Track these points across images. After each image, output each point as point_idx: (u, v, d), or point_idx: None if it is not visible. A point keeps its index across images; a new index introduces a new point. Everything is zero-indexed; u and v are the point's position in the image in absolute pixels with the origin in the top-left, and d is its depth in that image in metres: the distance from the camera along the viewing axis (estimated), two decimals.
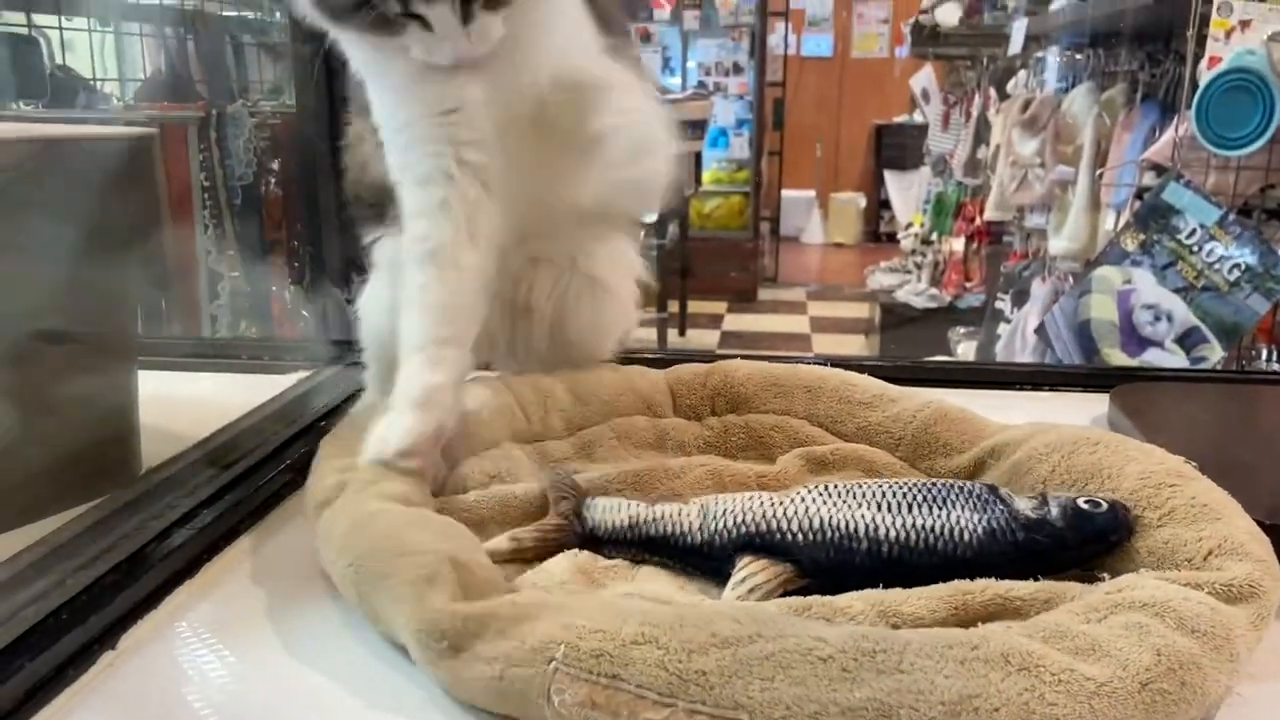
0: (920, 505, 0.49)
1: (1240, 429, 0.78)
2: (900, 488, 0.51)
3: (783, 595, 0.47)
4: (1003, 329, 2.40)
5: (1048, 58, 2.49)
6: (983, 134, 3.11)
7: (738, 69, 5.18)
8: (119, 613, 0.49)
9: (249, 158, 1.36)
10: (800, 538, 0.49)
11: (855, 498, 0.50)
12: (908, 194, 5.05)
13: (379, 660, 0.46)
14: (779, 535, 0.49)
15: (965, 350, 2.98)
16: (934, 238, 3.84)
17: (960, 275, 3.53)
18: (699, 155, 4.22)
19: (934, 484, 0.52)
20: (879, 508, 0.49)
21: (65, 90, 1.37)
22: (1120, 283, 1.39)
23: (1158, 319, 1.36)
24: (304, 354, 0.91)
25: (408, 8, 0.52)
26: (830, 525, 0.49)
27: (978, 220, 3.28)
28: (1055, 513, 0.49)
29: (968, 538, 0.48)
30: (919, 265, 3.94)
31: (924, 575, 0.47)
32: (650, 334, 4.01)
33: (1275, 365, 1.46)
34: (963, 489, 0.51)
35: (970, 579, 0.46)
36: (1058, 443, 0.57)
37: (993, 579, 0.46)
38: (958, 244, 3.55)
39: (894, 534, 0.48)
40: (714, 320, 4.60)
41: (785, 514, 0.50)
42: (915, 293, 3.74)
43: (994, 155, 2.64)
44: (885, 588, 0.46)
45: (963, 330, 3.16)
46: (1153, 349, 1.36)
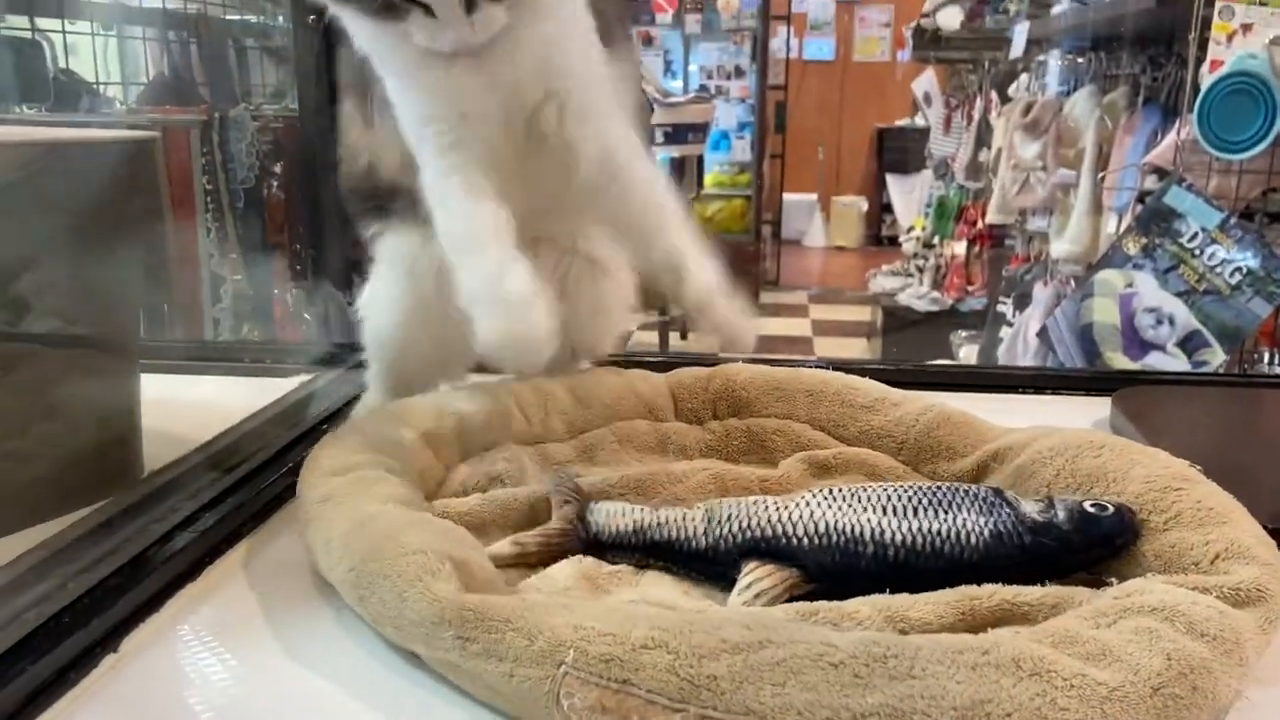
0: (926, 509, 0.49)
1: (1242, 432, 0.78)
2: (906, 491, 0.51)
3: (789, 600, 0.47)
4: (1005, 332, 2.40)
5: (1049, 61, 2.49)
6: (984, 137, 3.12)
7: (739, 72, 5.18)
8: (121, 616, 0.49)
9: (251, 161, 1.36)
10: (805, 542, 0.48)
11: (860, 502, 0.50)
12: (909, 197, 5.06)
13: (380, 664, 0.46)
14: (784, 540, 0.49)
15: (967, 354, 2.98)
16: (936, 241, 3.84)
17: (962, 279, 3.53)
18: (701, 158, 4.23)
19: (939, 487, 0.51)
20: (884, 511, 0.49)
21: (68, 94, 1.37)
22: (1122, 286, 1.39)
23: (1159, 322, 1.35)
24: (306, 357, 0.91)
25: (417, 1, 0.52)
26: (836, 529, 0.49)
27: (979, 224, 3.28)
28: (1061, 516, 0.49)
29: (974, 541, 0.48)
30: (921, 269, 3.94)
31: (930, 579, 0.46)
32: (652, 337, 4.02)
33: (1278, 368, 1.46)
34: (968, 492, 0.51)
35: (977, 582, 0.46)
36: (1061, 446, 0.57)
37: (1000, 584, 0.45)
38: (959, 247, 3.55)
39: (900, 538, 0.48)
40: None
41: (790, 518, 0.49)
42: (917, 296, 3.74)
43: (996, 158, 2.64)
44: (892, 592, 0.46)
45: (964, 334, 3.16)
46: (1155, 352, 1.36)
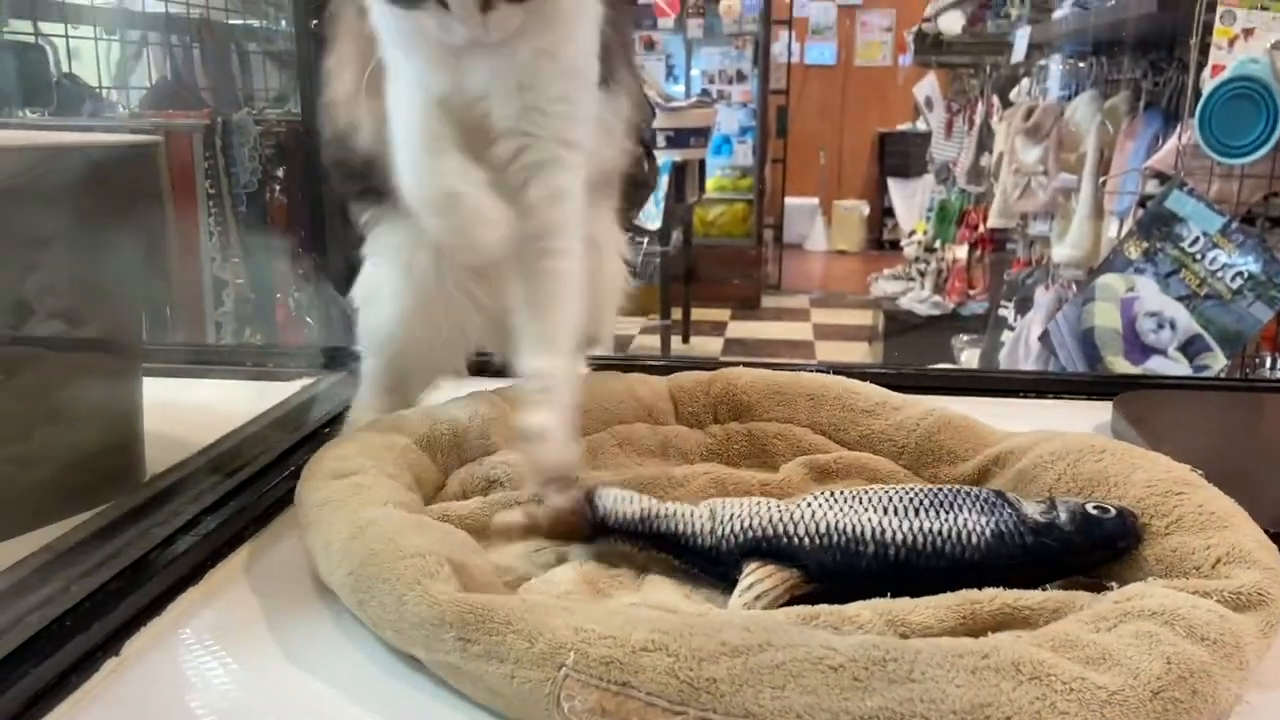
0: (927, 509, 0.49)
1: (1243, 437, 0.78)
2: (907, 492, 0.51)
3: (790, 601, 0.47)
4: (1006, 336, 2.40)
5: (1050, 66, 2.49)
6: (986, 142, 3.12)
7: (741, 77, 5.19)
8: (122, 619, 0.49)
9: (254, 165, 1.37)
10: (807, 542, 0.49)
11: (862, 502, 0.50)
12: (911, 201, 5.06)
13: (380, 668, 0.46)
14: (786, 539, 0.49)
15: (969, 358, 2.98)
16: (937, 245, 3.84)
17: (964, 283, 3.53)
18: (702, 163, 4.23)
19: (941, 488, 0.51)
20: (886, 511, 0.49)
21: (71, 98, 1.37)
22: (1123, 290, 1.39)
23: (1161, 327, 1.35)
24: (307, 360, 0.91)
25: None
26: (837, 529, 0.49)
27: (981, 228, 3.28)
28: (1064, 517, 0.49)
29: (975, 540, 0.48)
30: (922, 273, 3.94)
31: (932, 579, 0.46)
32: (654, 341, 4.02)
33: (1279, 373, 1.45)
34: (970, 493, 0.51)
35: (978, 582, 0.46)
36: (1063, 450, 0.57)
37: (1001, 588, 0.45)
38: (961, 251, 3.55)
39: (901, 537, 0.48)
40: (717, 327, 4.60)
41: (792, 518, 0.49)
42: (919, 300, 3.73)
43: (997, 163, 2.64)
44: (893, 591, 0.46)
45: (966, 338, 3.16)
46: (1156, 357, 1.36)
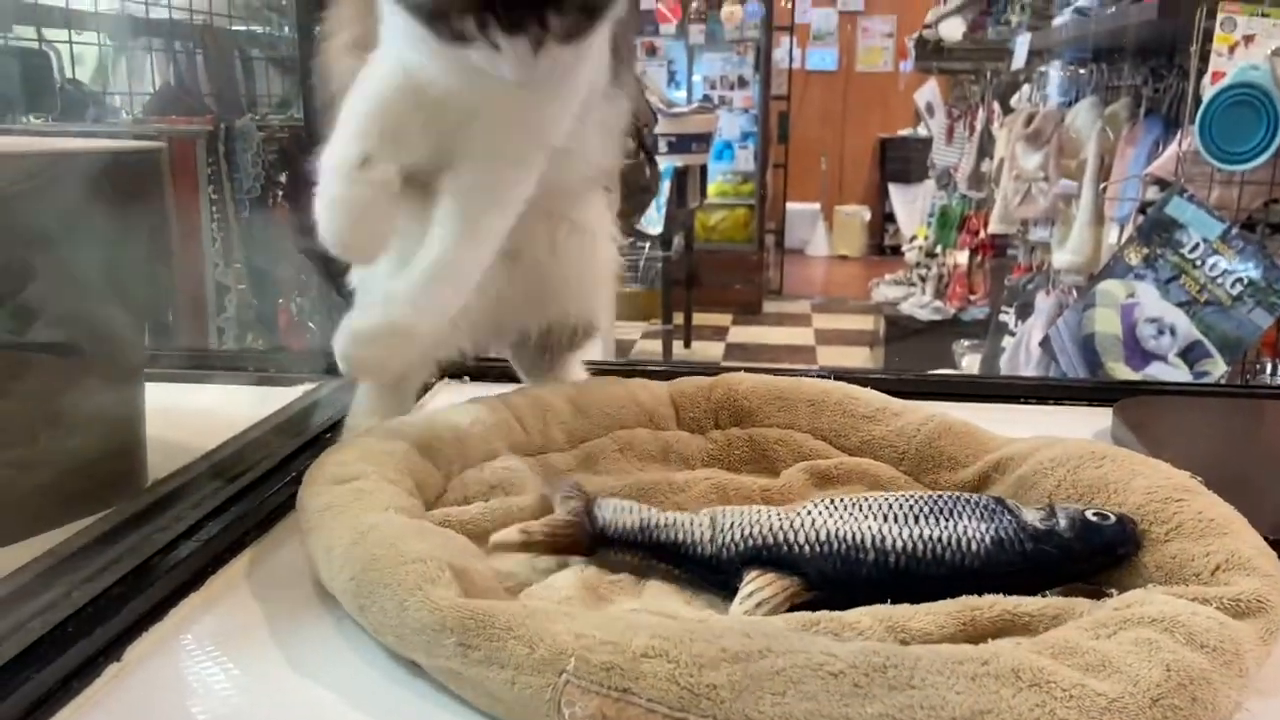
0: (927, 516, 0.49)
1: (1243, 444, 0.78)
2: (907, 499, 0.51)
3: (790, 609, 0.47)
4: (1007, 342, 2.40)
5: (1051, 72, 2.50)
6: (986, 148, 3.12)
7: (743, 82, 5.20)
8: (124, 625, 0.49)
9: (257, 171, 1.37)
10: (807, 550, 0.49)
11: (862, 510, 0.50)
12: (912, 207, 5.07)
13: (381, 674, 0.46)
14: (786, 548, 0.49)
15: (970, 363, 2.98)
16: (938, 250, 3.85)
17: (964, 288, 3.53)
18: (704, 168, 4.24)
19: (941, 495, 0.51)
20: (886, 519, 0.49)
21: (75, 104, 1.38)
22: (1124, 296, 1.39)
23: (1161, 333, 1.35)
24: (309, 366, 0.91)
25: (486, 34, 0.51)
26: (837, 537, 0.49)
27: (982, 233, 3.29)
28: (1063, 524, 0.49)
29: (975, 548, 0.48)
30: (923, 278, 3.94)
31: (932, 585, 0.47)
32: (655, 345, 4.02)
33: (1279, 379, 1.45)
34: (970, 500, 0.51)
35: (978, 589, 0.46)
36: (1063, 457, 0.57)
37: (1000, 595, 0.45)
38: (962, 257, 3.55)
39: (901, 545, 0.48)
40: (719, 332, 4.60)
41: (792, 526, 0.49)
42: (920, 305, 3.74)
43: (998, 169, 2.64)
44: (893, 599, 0.46)
45: (967, 343, 3.16)
46: (1156, 362, 1.36)
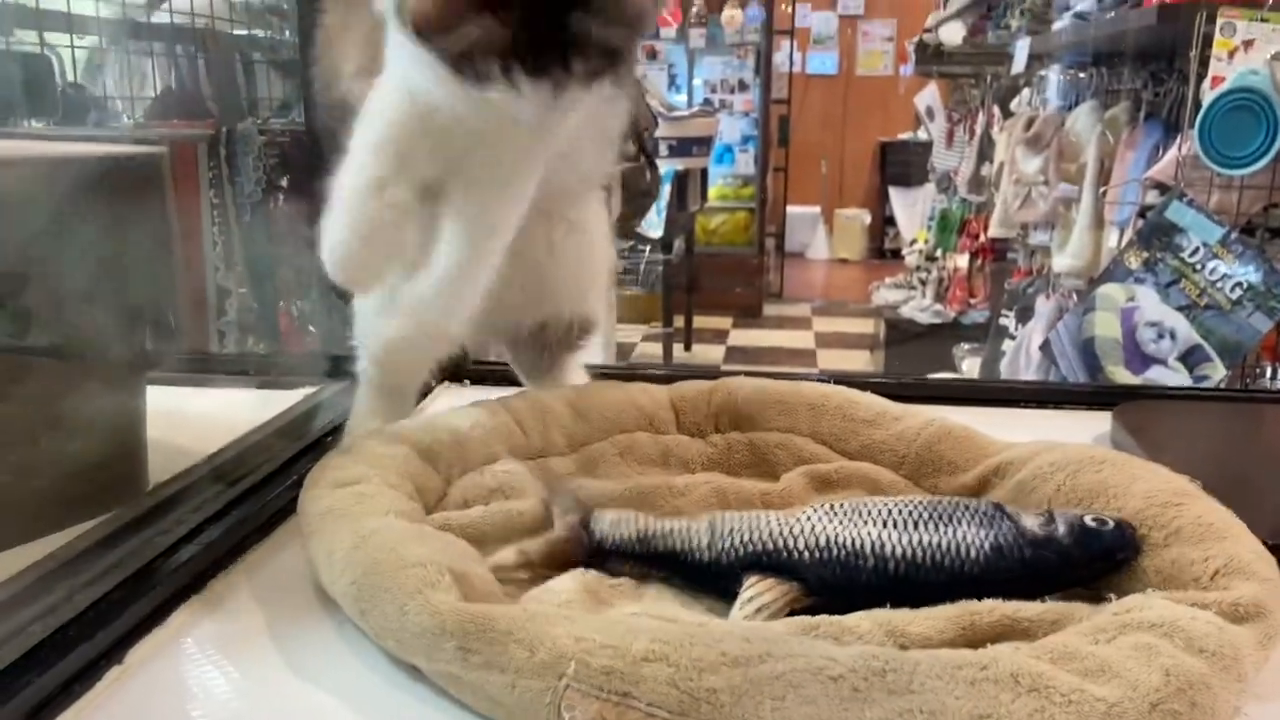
0: (927, 522, 0.49)
1: (1243, 448, 0.78)
2: (907, 505, 0.51)
3: (790, 614, 0.47)
4: (1007, 345, 2.40)
5: (1050, 76, 2.50)
6: (986, 151, 3.12)
7: (743, 86, 5.21)
8: (126, 628, 0.49)
9: (258, 175, 1.37)
10: (807, 555, 0.49)
11: (862, 515, 0.50)
12: (912, 210, 5.07)
13: (381, 678, 0.46)
14: (786, 553, 0.49)
15: (970, 366, 2.98)
16: (938, 254, 3.85)
17: (965, 291, 3.53)
18: (705, 172, 4.24)
19: (940, 501, 0.52)
20: (885, 525, 0.49)
21: (76, 108, 1.38)
22: (1124, 300, 1.39)
23: (1161, 337, 1.36)
24: (310, 369, 0.91)
25: (509, 78, 0.50)
26: (837, 543, 0.49)
27: (982, 237, 3.29)
28: (1062, 530, 0.49)
29: (974, 554, 0.48)
30: (924, 281, 3.94)
31: (931, 592, 0.47)
32: (656, 348, 4.02)
33: (1279, 383, 1.46)
34: (969, 506, 0.51)
35: (978, 596, 0.46)
36: (1062, 461, 0.57)
37: (1000, 599, 0.46)
38: (962, 260, 3.55)
39: (901, 551, 0.48)
40: (719, 335, 4.61)
41: (792, 532, 0.50)
42: (920, 309, 3.74)
43: (998, 172, 2.64)
44: (893, 605, 0.46)
45: (967, 346, 3.16)
46: (1156, 366, 1.36)
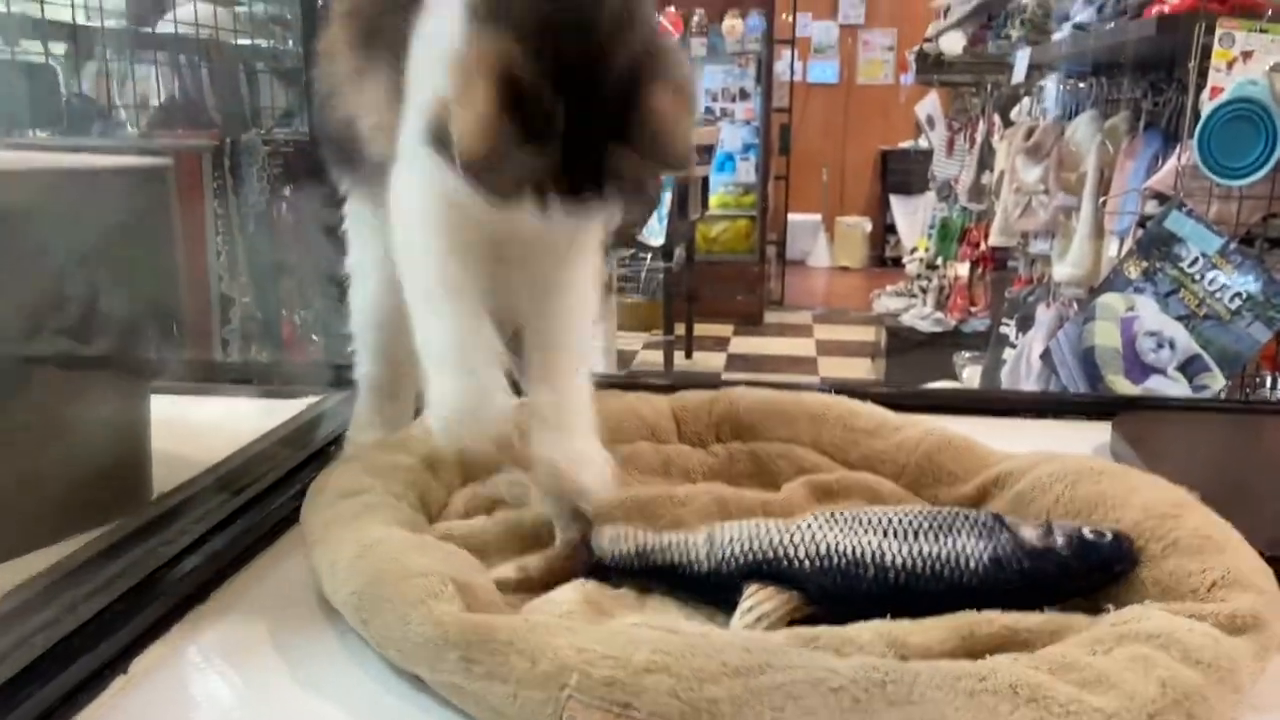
0: (927, 533, 0.50)
1: (1241, 459, 0.79)
2: (907, 515, 0.51)
3: (790, 624, 0.48)
4: (1008, 354, 2.40)
5: (1048, 85, 2.50)
6: (987, 160, 3.13)
7: (744, 95, 5.22)
8: (130, 637, 0.49)
9: (262, 185, 1.38)
10: (807, 564, 0.49)
11: (862, 525, 0.50)
12: (913, 218, 5.07)
13: (384, 688, 0.46)
14: (786, 562, 0.49)
15: (971, 374, 2.98)
16: (939, 262, 3.85)
17: (965, 300, 3.53)
18: (706, 180, 4.25)
19: (940, 512, 0.52)
20: (886, 535, 0.50)
21: (81, 117, 1.39)
22: (1123, 310, 1.40)
23: (1160, 346, 1.36)
24: (313, 378, 0.91)
25: (543, 202, 0.48)
26: (837, 552, 0.49)
27: (982, 245, 3.29)
28: (1061, 542, 0.49)
29: (974, 565, 0.48)
30: (924, 289, 3.94)
31: (931, 602, 0.47)
32: (657, 356, 4.02)
33: (1279, 393, 1.46)
34: (969, 517, 0.51)
35: (977, 606, 0.46)
36: (1061, 472, 0.57)
37: (999, 610, 0.46)
38: (963, 269, 3.56)
39: (901, 561, 0.49)
40: (720, 343, 4.60)
41: (792, 541, 0.50)
42: (921, 317, 3.74)
43: (998, 181, 2.65)
44: (892, 614, 0.46)
45: (968, 355, 3.16)
46: (1156, 376, 1.36)
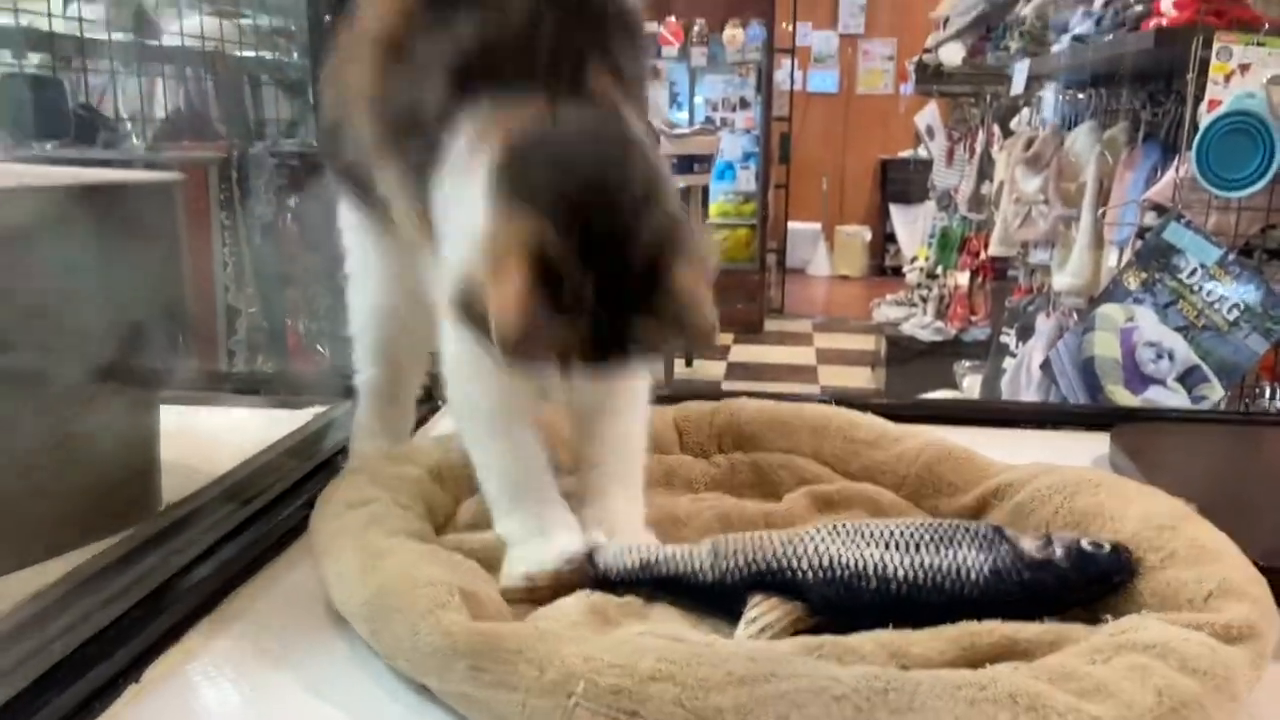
0: (928, 544, 0.50)
1: (1237, 470, 0.79)
2: (908, 528, 0.52)
3: (794, 634, 0.48)
4: (1008, 363, 2.41)
5: (1049, 95, 2.51)
6: (986, 170, 3.14)
7: (745, 104, 5.24)
8: (143, 646, 0.50)
9: (269, 197, 1.39)
10: (810, 576, 0.50)
11: (864, 537, 0.51)
12: (913, 227, 5.08)
13: (393, 696, 0.47)
14: (789, 573, 0.50)
15: (971, 384, 2.98)
16: (939, 271, 3.85)
17: (965, 309, 3.54)
18: (706, 188, 4.26)
19: (941, 524, 0.53)
20: (887, 546, 0.50)
21: (87, 128, 1.40)
22: (1123, 320, 1.40)
23: (1160, 357, 1.37)
24: (319, 388, 0.92)
25: (566, 369, 0.47)
26: (839, 564, 0.50)
27: (982, 255, 3.29)
28: (1060, 553, 0.50)
29: (974, 576, 0.49)
30: (924, 299, 3.95)
31: (932, 613, 0.48)
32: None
33: (1279, 403, 1.46)
34: (969, 529, 0.52)
35: (977, 617, 0.47)
36: (1060, 484, 0.58)
37: (999, 620, 0.47)
38: (963, 278, 3.56)
39: (902, 572, 0.49)
40: (720, 351, 4.61)
41: (795, 552, 0.51)
42: (921, 326, 3.74)
43: (998, 192, 2.66)
44: (894, 625, 0.47)
45: (968, 364, 3.16)
46: (1155, 386, 1.37)
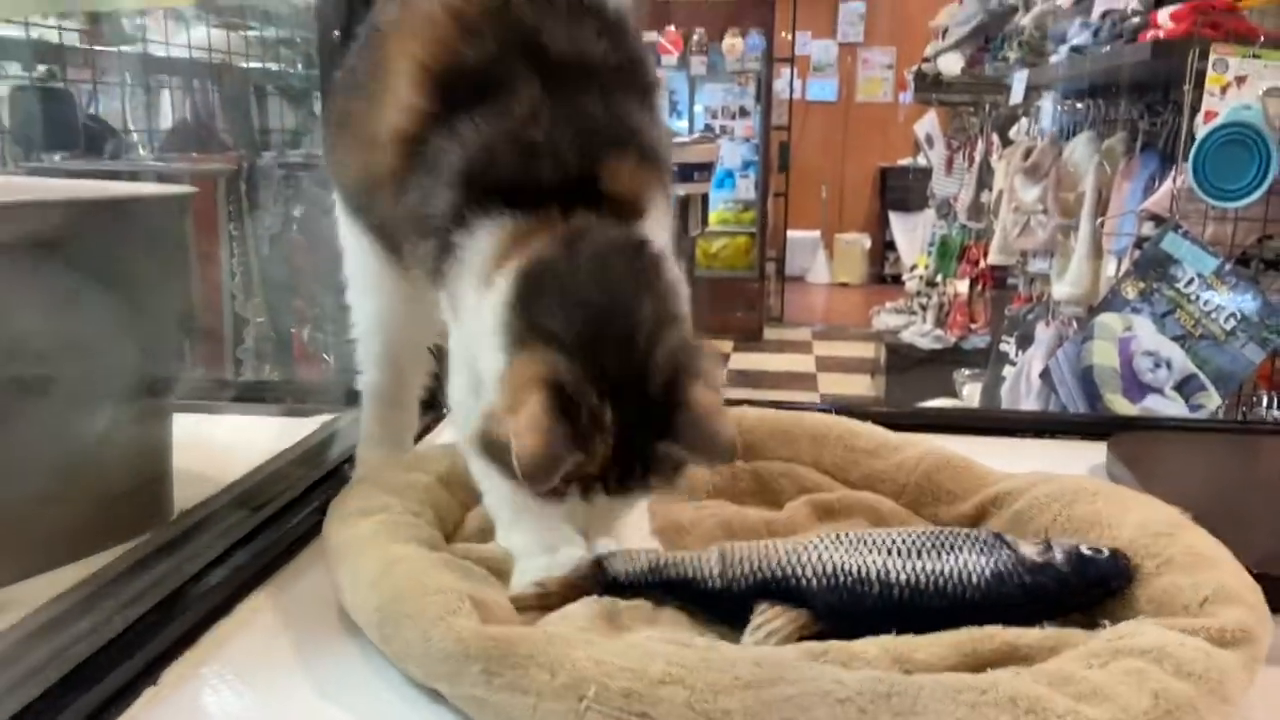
0: (929, 550, 0.51)
1: (1232, 478, 0.80)
2: (910, 534, 0.53)
3: (799, 640, 0.49)
4: (1007, 371, 2.42)
5: (1047, 105, 2.53)
6: (985, 179, 3.15)
7: (744, 112, 5.26)
8: (159, 650, 0.51)
9: (277, 207, 1.40)
10: (814, 583, 0.51)
11: (866, 544, 0.52)
12: (912, 235, 5.10)
13: (404, 700, 0.48)
14: (794, 581, 0.51)
15: (970, 392, 2.99)
16: (938, 280, 3.86)
17: (965, 317, 3.55)
18: (705, 196, 4.26)
19: (942, 531, 0.54)
20: (889, 553, 0.51)
21: (96, 138, 1.42)
22: (1121, 330, 1.42)
23: (1157, 366, 1.38)
24: (327, 397, 0.93)
25: (587, 496, 0.51)
26: (843, 570, 0.51)
27: (982, 263, 3.31)
28: (1059, 557, 0.51)
29: (975, 580, 0.50)
30: (924, 306, 3.96)
31: (934, 617, 0.49)
32: None
33: (1276, 412, 1.48)
34: (969, 535, 0.53)
35: (978, 620, 0.48)
36: (1058, 492, 0.59)
37: (1000, 626, 0.48)
38: (962, 286, 3.57)
39: (904, 578, 0.50)
40: (720, 359, 4.62)
41: (800, 560, 0.52)
42: (920, 334, 3.75)
43: (997, 200, 2.67)
44: (898, 630, 0.48)
45: (968, 372, 3.17)
46: (1153, 395, 1.38)
